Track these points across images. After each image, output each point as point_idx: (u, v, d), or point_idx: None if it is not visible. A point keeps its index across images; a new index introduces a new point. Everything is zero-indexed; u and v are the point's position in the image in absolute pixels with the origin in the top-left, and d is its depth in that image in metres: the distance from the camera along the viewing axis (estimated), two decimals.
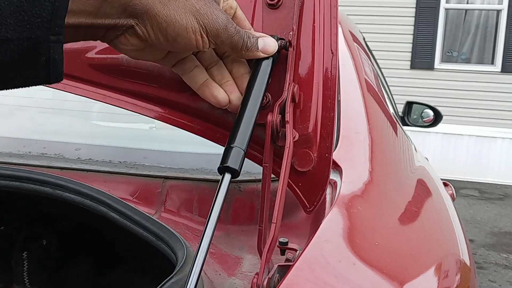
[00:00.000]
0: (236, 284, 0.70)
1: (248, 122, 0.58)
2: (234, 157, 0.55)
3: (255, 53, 0.61)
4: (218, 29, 0.57)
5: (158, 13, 0.53)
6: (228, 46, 0.59)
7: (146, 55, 0.60)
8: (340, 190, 0.78)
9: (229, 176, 0.54)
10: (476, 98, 7.29)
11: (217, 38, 0.57)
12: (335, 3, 0.67)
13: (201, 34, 0.56)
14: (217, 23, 0.57)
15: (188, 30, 0.55)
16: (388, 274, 0.64)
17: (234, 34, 0.59)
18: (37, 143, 1.07)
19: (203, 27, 0.56)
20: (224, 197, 0.52)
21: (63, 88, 0.74)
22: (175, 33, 0.55)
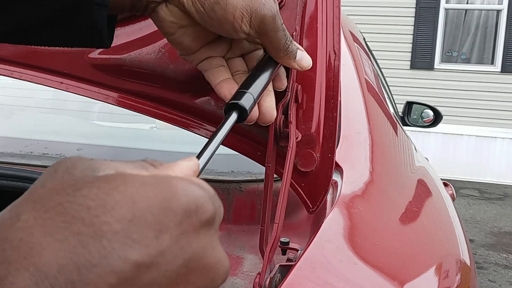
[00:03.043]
0: (237, 283, 0.70)
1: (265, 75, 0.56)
2: (246, 99, 0.51)
3: (291, 61, 0.58)
4: (266, 16, 0.53)
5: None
6: (270, 41, 0.55)
7: (185, 37, 0.56)
8: (341, 190, 0.78)
9: (235, 116, 0.49)
10: (476, 98, 7.29)
11: (262, 25, 0.53)
12: (338, 4, 0.67)
13: (242, 14, 0.52)
14: (265, 8, 0.53)
15: (229, 3, 0.51)
16: (388, 274, 0.64)
17: (280, 29, 0.55)
18: (39, 143, 1.07)
19: (247, 8, 0.52)
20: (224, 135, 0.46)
21: (66, 89, 0.74)
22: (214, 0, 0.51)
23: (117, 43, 0.70)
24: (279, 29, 0.55)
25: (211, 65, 0.60)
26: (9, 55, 0.75)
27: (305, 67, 0.59)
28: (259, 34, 0.54)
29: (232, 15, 0.52)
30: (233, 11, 0.52)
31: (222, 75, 0.60)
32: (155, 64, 0.68)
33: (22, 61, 0.74)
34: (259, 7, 0.52)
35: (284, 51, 0.57)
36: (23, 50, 0.74)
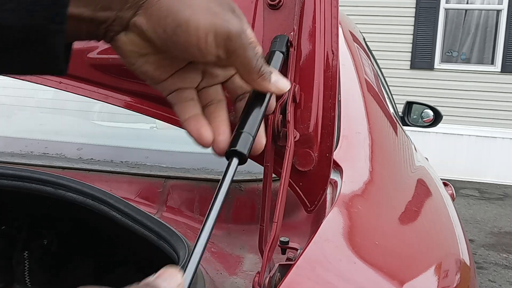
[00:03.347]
0: (237, 283, 0.70)
1: (258, 109, 0.56)
2: (243, 142, 0.52)
3: (266, 84, 0.54)
4: (230, 32, 0.49)
5: (161, 1, 0.49)
6: (240, 60, 0.51)
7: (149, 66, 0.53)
8: (341, 189, 0.78)
9: (236, 161, 0.51)
10: (476, 98, 7.29)
11: (228, 42, 0.50)
12: (336, 4, 0.67)
13: (206, 33, 0.49)
14: (230, 24, 0.49)
15: (190, 24, 0.49)
16: (388, 273, 0.64)
17: (248, 47, 0.51)
18: (39, 143, 1.07)
19: (210, 26, 0.49)
20: (230, 182, 0.49)
21: (65, 88, 0.74)
22: (175, 24, 0.49)
23: None
24: (247, 47, 0.51)
25: (180, 99, 0.56)
26: None
27: (283, 90, 0.55)
28: (227, 53, 0.50)
29: (196, 37, 0.49)
30: (196, 32, 0.49)
31: (190, 111, 0.56)
32: None
33: None
34: (222, 23, 0.49)
35: (257, 72, 0.53)
36: None
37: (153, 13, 0.49)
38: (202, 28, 0.49)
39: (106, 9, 0.48)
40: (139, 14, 0.49)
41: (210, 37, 0.49)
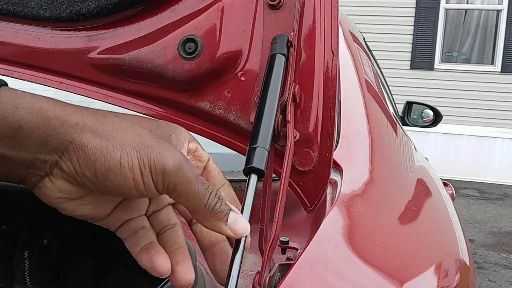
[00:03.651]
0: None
1: (268, 121, 0.56)
2: (259, 158, 0.52)
3: (221, 224, 0.44)
4: (167, 166, 0.43)
5: (86, 143, 0.42)
6: (184, 198, 0.44)
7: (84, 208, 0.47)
8: (341, 189, 0.78)
9: (255, 177, 0.52)
10: (476, 98, 7.30)
11: (166, 178, 0.43)
12: (336, 4, 0.67)
13: (142, 172, 0.43)
14: (166, 158, 0.43)
15: (123, 165, 0.42)
16: (388, 273, 0.64)
17: (194, 181, 0.43)
18: None
19: (145, 163, 0.43)
20: (253, 198, 0.50)
21: (65, 88, 0.74)
22: (105, 168, 0.42)
23: (116, 43, 0.70)
24: (193, 181, 0.43)
25: (129, 231, 0.49)
26: (9, 55, 0.75)
27: (240, 234, 0.45)
28: (168, 190, 0.44)
29: (131, 179, 0.43)
30: (130, 173, 0.43)
31: (143, 241, 0.48)
32: (154, 64, 0.68)
33: (21, 61, 0.75)
34: (157, 158, 0.43)
35: (209, 210, 0.44)
36: (22, 50, 0.74)
37: (80, 157, 0.43)
38: (137, 168, 0.43)
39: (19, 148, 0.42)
40: (64, 159, 0.43)
41: (146, 176, 0.43)
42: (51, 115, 0.42)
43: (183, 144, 0.48)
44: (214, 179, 0.51)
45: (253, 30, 0.67)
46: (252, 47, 0.67)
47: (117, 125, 0.44)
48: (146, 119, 0.47)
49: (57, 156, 0.43)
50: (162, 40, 0.67)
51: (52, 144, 0.42)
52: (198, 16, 0.67)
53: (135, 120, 0.46)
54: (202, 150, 0.50)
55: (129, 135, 0.44)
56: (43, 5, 0.70)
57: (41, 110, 0.42)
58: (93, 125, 0.43)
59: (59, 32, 0.72)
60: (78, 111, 0.44)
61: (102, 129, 0.43)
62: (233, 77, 0.68)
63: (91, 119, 0.44)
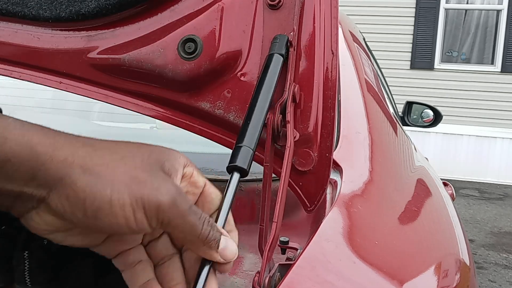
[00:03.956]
0: (237, 283, 0.70)
1: (256, 121, 0.57)
2: (243, 157, 0.53)
3: (213, 252, 0.45)
4: (161, 202, 0.42)
5: (75, 181, 0.41)
6: (179, 230, 0.44)
7: (73, 238, 0.45)
8: (341, 189, 0.78)
9: (237, 176, 0.52)
10: (476, 98, 7.29)
11: (160, 214, 0.42)
12: (336, 4, 0.67)
13: (134, 210, 0.42)
14: (160, 194, 0.42)
15: (113, 203, 0.41)
16: (388, 273, 0.64)
17: (187, 213, 0.43)
18: None
19: (137, 200, 0.41)
20: (233, 196, 0.50)
21: (65, 88, 0.74)
22: (95, 207, 0.41)
23: (116, 43, 0.70)
24: (187, 213, 0.43)
25: (126, 264, 0.48)
26: (9, 55, 0.75)
27: (229, 258, 0.46)
28: (163, 225, 0.43)
29: (122, 217, 0.42)
30: (122, 212, 0.41)
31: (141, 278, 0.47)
32: (154, 64, 0.68)
33: (21, 61, 0.74)
34: (151, 194, 0.42)
35: (202, 240, 0.44)
36: (22, 50, 0.74)
37: (70, 195, 0.41)
38: (128, 205, 0.42)
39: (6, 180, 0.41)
40: (52, 196, 0.42)
41: (138, 213, 0.42)
42: (40, 149, 0.41)
43: (177, 170, 0.46)
44: (211, 203, 0.50)
45: (253, 30, 0.67)
46: (252, 47, 0.67)
47: (107, 158, 0.43)
48: (138, 147, 0.46)
49: (44, 192, 0.42)
50: (162, 40, 0.67)
51: (40, 180, 0.41)
52: (198, 16, 0.67)
53: (126, 151, 0.45)
54: (198, 175, 0.49)
55: (119, 169, 0.43)
56: (43, 5, 0.70)
57: (30, 143, 0.41)
58: (82, 160, 0.42)
59: (58, 32, 0.72)
60: (68, 144, 0.43)
61: (92, 164, 0.42)
62: (233, 77, 0.68)
63: (81, 153, 0.43)
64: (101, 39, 0.71)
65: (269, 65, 0.62)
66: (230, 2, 0.67)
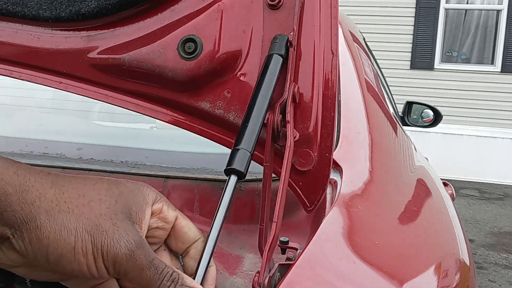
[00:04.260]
0: (237, 283, 0.70)
1: (254, 123, 0.57)
2: (240, 159, 0.54)
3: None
4: (119, 254, 0.42)
5: (40, 226, 0.41)
6: (137, 282, 0.43)
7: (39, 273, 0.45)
8: (340, 189, 0.78)
9: (235, 178, 0.53)
10: (476, 98, 7.29)
11: (117, 266, 0.42)
12: (336, 4, 0.67)
13: (95, 257, 0.42)
14: (118, 246, 0.42)
15: (77, 251, 0.41)
16: (388, 273, 0.64)
17: (145, 267, 0.43)
18: (39, 143, 1.07)
19: (98, 249, 0.42)
20: (230, 198, 0.51)
21: (65, 88, 0.74)
22: (58, 254, 0.41)
23: (116, 43, 0.70)
24: (145, 267, 0.43)
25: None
26: (9, 55, 0.75)
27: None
28: (120, 275, 0.43)
29: (84, 264, 0.42)
30: (84, 259, 0.42)
31: None
32: (154, 64, 0.68)
33: (21, 61, 0.74)
34: (110, 244, 0.42)
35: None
36: (22, 50, 0.74)
37: (33, 239, 0.41)
38: (90, 253, 0.42)
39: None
40: (16, 237, 0.42)
41: (99, 262, 0.42)
42: (10, 190, 0.41)
43: (144, 212, 0.47)
44: (184, 237, 0.51)
45: (252, 30, 0.67)
46: (252, 47, 0.67)
47: (74, 203, 0.43)
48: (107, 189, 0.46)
49: (9, 232, 0.42)
50: (162, 40, 0.67)
51: (6, 220, 0.41)
52: (198, 16, 0.67)
53: (95, 193, 0.45)
54: (167, 210, 0.49)
55: (85, 216, 0.43)
56: (43, 5, 0.70)
57: (1, 182, 0.41)
58: (49, 204, 0.42)
59: (58, 32, 0.72)
60: (37, 184, 0.43)
61: (58, 209, 0.42)
62: (233, 77, 0.68)
63: (48, 196, 0.43)
64: (101, 39, 0.71)
65: (268, 65, 0.62)
66: (230, 2, 0.67)
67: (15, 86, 1.28)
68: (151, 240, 0.49)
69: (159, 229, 0.49)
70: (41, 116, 1.40)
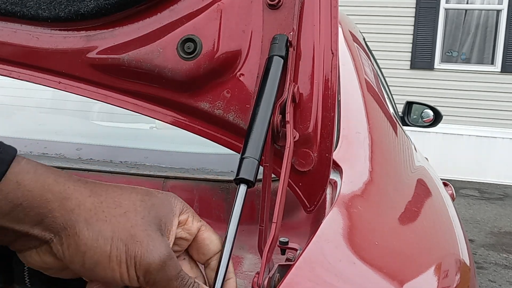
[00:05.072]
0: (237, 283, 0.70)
1: (260, 130, 0.57)
2: (249, 168, 0.54)
3: None
4: (151, 264, 0.44)
5: (79, 233, 0.43)
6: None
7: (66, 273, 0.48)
8: (340, 190, 0.78)
9: (245, 187, 0.53)
10: (476, 98, 7.30)
11: (147, 275, 0.44)
12: (335, 4, 0.67)
13: (127, 267, 0.44)
14: (152, 256, 0.44)
15: (112, 259, 0.44)
16: (388, 274, 0.64)
17: (174, 278, 0.45)
18: (38, 143, 1.07)
19: (131, 258, 0.44)
20: (241, 208, 0.52)
21: (64, 88, 0.74)
22: (94, 260, 0.44)
23: (115, 43, 0.70)
24: (173, 278, 0.45)
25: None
26: (8, 55, 0.75)
27: None
28: (149, 285, 0.45)
29: (117, 272, 0.44)
30: (118, 267, 0.44)
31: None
32: (153, 64, 0.68)
33: (20, 61, 0.74)
34: (143, 254, 0.44)
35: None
36: (21, 50, 0.74)
37: (71, 245, 0.44)
38: (123, 262, 0.44)
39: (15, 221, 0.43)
40: (56, 241, 0.44)
41: (131, 270, 0.44)
42: (50, 196, 0.43)
43: (172, 223, 0.48)
44: (205, 248, 0.52)
45: (252, 30, 0.67)
46: (252, 47, 0.67)
47: (112, 212, 0.45)
48: (142, 200, 0.48)
49: (49, 236, 0.44)
50: (161, 40, 0.67)
51: (47, 225, 0.43)
52: (197, 16, 0.67)
53: (130, 204, 0.47)
54: (192, 221, 0.51)
55: (121, 225, 0.45)
56: (42, 5, 0.70)
57: (42, 189, 0.43)
58: (88, 212, 0.44)
59: (58, 32, 0.72)
60: (77, 192, 0.45)
61: (96, 218, 0.44)
62: (232, 77, 0.68)
63: (88, 204, 0.45)
64: (100, 39, 0.70)
65: (270, 68, 0.62)
66: (229, 2, 0.67)
67: (14, 86, 1.28)
68: (174, 248, 0.51)
69: (182, 239, 0.51)
70: (40, 116, 1.39)
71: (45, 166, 0.45)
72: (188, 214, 0.51)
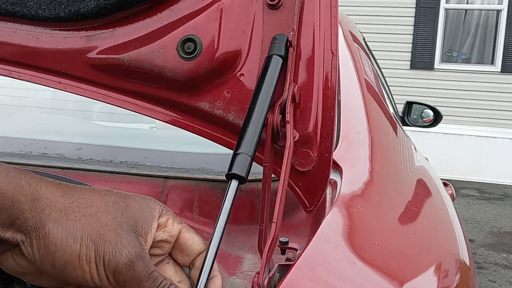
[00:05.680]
0: (236, 283, 0.70)
1: (255, 127, 0.57)
2: (241, 164, 0.54)
3: None
4: (119, 264, 0.44)
5: (48, 233, 0.43)
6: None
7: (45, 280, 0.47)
8: (340, 189, 0.78)
9: (236, 183, 0.53)
10: (476, 98, 7.30)
11: (116, 275, 0.44)
12: (335, 4, 0.67)
13: (97, 266, 0.44)
14: (119, 256, 0.44)
15: (81, 258, 0.44)
16: (388, 273, 0.64)
17: (144, 278, 0.45)
18: (38, 143, 1.07)
19: (100, 257, 0.44)
20: (231, 204, 0.51)
21: (64, 88, 0.74)
22: (64, 260, 0.44)
23: (116, 43, 0.70)
24: (144, 279, 0.45)
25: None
26: (8, 55, 0.75)
27: None
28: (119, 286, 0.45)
29: (88, 272, 0.44)
30: (88, 266, 0.44)
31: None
32: (153, 64, 0.68)
33: (20, 61, 0.74)
34: (112, 253, 0.44)
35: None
36: (21, 50, 0.74)
37: (41, 246, 0.44)
38: (93, 261, 0.44)
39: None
40: (26, 243, 0.44)
41: (100, 270, 0.44)
42: (22, 198, 0.43)
43: (151, 226, 0.48)
44: (188, 249, 0.52)
45: (252, 30, 0.67)
46: (252, 47, 0.67)
47: (82, 212, 0.45)
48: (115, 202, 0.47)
49: (20, 238, 0.44)
50: (161, 40, 0.67)
51: (18, 226, 0.43)
52: (198, 16, 0.67)
53: (102, 205, 0.47)
54: (172, 223, 0.51)
55: (90, 225, 0.45)
56: (42, 5, 0.70)
57: (14, 191, 0.43)
58: (58, 212, 0.44)
59: (58, 32, 0.72)
60: (48, 193, 0.45)
61: (66, 218, 0.44)
62: (232, 77, 0.68)
63: (58, 204, 0.45)
64: (101, 39, 0.70)
65: (268, 67, 0.62)
66: (229, 2, 0.67)
67: (14, 86, 1.28)
68: (156, 251, 0.51)
69: (163, 242, 0.51)
70: (40, 116, 1.39)
71: (17, 169, 0.45)
72: (167, 217, 0.51)
